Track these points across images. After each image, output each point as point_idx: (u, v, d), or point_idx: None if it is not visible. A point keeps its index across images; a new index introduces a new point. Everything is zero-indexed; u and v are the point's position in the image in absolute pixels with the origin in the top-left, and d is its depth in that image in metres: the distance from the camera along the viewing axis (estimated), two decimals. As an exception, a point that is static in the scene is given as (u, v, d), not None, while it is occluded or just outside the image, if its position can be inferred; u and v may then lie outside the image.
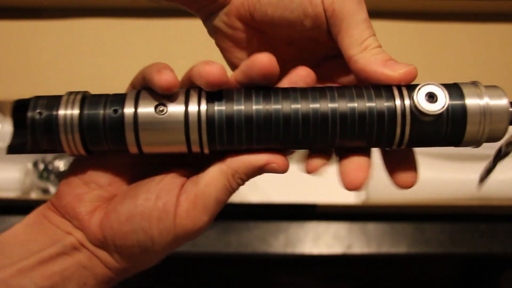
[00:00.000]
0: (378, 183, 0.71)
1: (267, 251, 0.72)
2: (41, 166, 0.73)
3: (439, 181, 0.70)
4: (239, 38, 0.32)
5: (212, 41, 0.36)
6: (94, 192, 0.30)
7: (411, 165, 0.30)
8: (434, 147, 0.30)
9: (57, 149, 0.29)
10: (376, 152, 0.33)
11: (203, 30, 0.36)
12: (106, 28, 0.76)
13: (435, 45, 0.77)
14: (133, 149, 0.29)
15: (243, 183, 0.30)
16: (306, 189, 0.75)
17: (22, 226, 0.30)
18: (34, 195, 0.74)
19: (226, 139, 0.28)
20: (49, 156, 0.74)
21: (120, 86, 0.33)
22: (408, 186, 0.30)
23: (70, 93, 0.29)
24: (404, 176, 0.30)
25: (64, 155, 0.74)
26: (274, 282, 1.03)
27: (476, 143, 0.29)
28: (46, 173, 0.73)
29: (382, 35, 0.88)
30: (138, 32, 0.76)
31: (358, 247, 0.72)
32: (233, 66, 0.34)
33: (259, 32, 0.32)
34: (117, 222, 0.29)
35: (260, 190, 0.73)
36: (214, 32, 0.34)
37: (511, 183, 0.69)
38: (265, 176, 0.34)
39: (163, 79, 0.27)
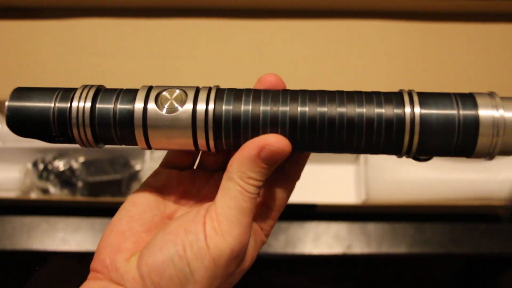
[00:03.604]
0: (378, 183, 0.71)
1: (267, 251, 0.72)
2: (41, 166, 0.73)
3: (439, 181, 0.70)
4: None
5: (211, 41, 0.36)
6: (129, 239, 0.30)
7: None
8: (444, 157, 0.29)
9: (70, 139, 0.30)
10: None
11: (203, 30, 0.36)
12: (106, 28, 0.76)
13: (435, 45, 0.76)
14: (142, 144, 0.30)
15: (258, 182, 0.29)
16: (306, 189, 0.75)
17: None
18: (34, 195, 0.74)
19: (232, 138, 0.29)
20: (49, 156, 0.74)
21: (120, 86, 0.33)
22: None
23: (84, 86, 0.30)
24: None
25: (64, 155, 0.74)
26: (274, 282, 1.03)
27: (489, 156, 0.28)
28: (45, 173, 0.73)
29: (382, 35, 0.88)
30: (138, 32, 0.76)
31: (358, 247, 0.72)
32: None
33: None
34: (150, 255, 0.28)
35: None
36: None
37: (511, 183, 0.69)
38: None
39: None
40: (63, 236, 0.72)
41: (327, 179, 0.76)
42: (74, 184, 0.73)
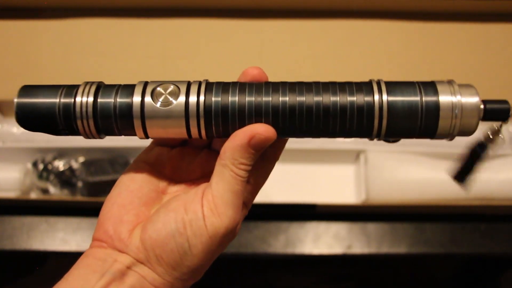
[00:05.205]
0: (378, 183, 0.71)
1: (267, 251, 0.72)
2: (41, 166, 0.73)
3: (439, 181, 0.70)
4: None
5: (211, 41, 0.37)
6: (131, 212, 0.33)
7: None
8: (410, 138, 0.33)
9: (74, 132, 0.33)
10: (376, 153, 0.34)
11: (203, 30, 0.36)
12: (106, 28, 0.76)
13: (435, 45, 0.77)
14: (140, 134, 0.33)
15: (248, 167, 0.32)
16: (306, 189, 0.75)
17: (71, 273, 0.31)
18: (33, 195, 0.74)
19: (221, 127, 0.32)
20: (48, 156, 0.74)
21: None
22: None
23: (86, 83, 0.33)
24: None
25: (64, 155, 0.74)
26: (274, 282, 1.03)
27: (449, 136, 0.32)
28: (45, 173, 0.73)
29: (382, 35, 0.88)
30: (138, 32, 0.76)
31: (358, 247, 0.72)
32: None
33: None
34: (154, 230, 0.31)
35: (260, 190, 0.73)
36: None
37: (511, 183, 0.69)
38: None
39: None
40: (63, 236, 0.72)
41: (327, 179, 0.76)
42: (74, 184, 0.73)
